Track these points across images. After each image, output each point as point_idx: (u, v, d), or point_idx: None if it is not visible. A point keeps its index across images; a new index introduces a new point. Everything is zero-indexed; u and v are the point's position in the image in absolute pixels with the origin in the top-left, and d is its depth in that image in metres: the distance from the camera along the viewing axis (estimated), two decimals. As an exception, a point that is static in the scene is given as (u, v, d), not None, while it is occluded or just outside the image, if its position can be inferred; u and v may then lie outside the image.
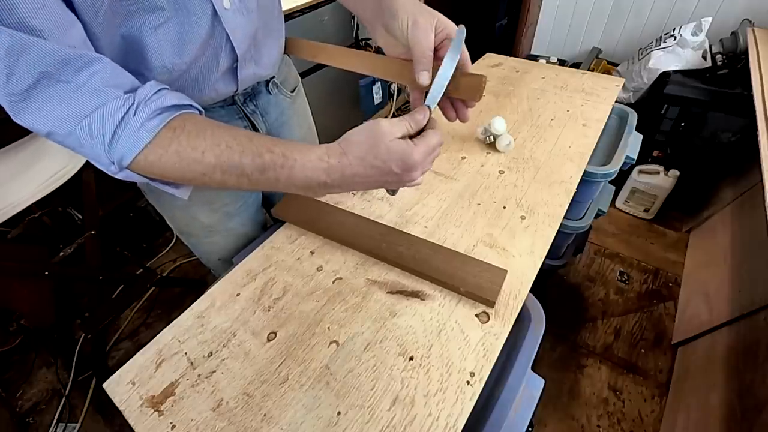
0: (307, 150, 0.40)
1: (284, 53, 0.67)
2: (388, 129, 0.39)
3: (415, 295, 0.54)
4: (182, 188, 0.47)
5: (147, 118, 0.37)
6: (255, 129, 0.68)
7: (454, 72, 0.44)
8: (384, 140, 0.39)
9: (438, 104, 0.46)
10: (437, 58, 0.45)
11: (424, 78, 0.45)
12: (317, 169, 0.40)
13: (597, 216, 1.02)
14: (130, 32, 0.41)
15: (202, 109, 0.43)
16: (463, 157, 0.78)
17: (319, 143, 0.43)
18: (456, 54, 0.43)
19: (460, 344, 0.48)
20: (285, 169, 0.39)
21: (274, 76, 0.68)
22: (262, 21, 0.55)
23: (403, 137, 0.40)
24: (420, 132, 0.43)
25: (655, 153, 1.60)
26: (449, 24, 0.45)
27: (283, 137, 0.75)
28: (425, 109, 0.43)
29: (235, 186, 0.41)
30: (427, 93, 0.45)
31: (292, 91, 0.76)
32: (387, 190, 0.47)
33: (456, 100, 0.50)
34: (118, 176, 0.41)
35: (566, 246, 1.17)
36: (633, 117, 0.97)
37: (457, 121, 0.52)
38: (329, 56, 0.59)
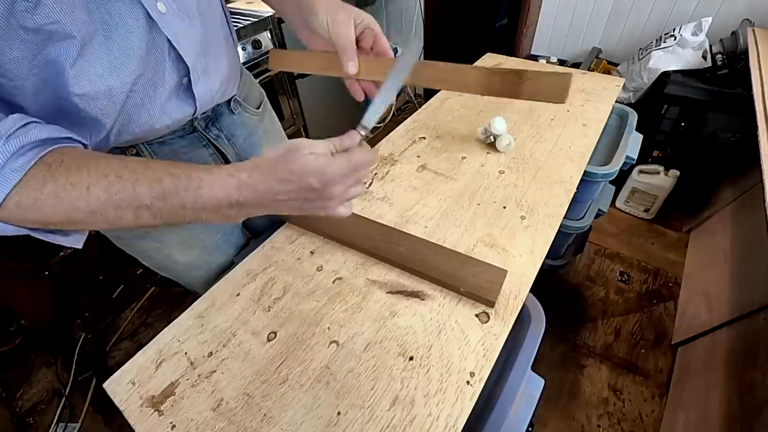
0: (214, 168, 0.36)
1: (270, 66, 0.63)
2: (307, 144, 0.37)
3: (415, 295, 0.54)
4: (73, 235, 0.39)
5: (12, 156, 0.31)
6: (222, 155, 0.64)
7: (531, 71, 0.44)
8: (300, 153, 0.36)
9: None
10: (359, 48, 0.47)
11: (351, 67, 0.47)
12: (227, 186, 0.35)
13: (597, 216, 1.02)
14: (49, 59, 0.36)
15: (85, 143, 0.38)
16: (463, 157, 0.78)
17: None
18: (399, 80, 0.44)
19: (460, 344, 0.48)
20: (190, 192, 0.34)
21: (235, 94, 0.63)
22: (206, 28, 0.50)
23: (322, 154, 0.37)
24: None
25: (655, 153, 1.60)
26: (367, 16, 0.47)
27: None
28: (354, 134, 0.40)
29: (133, 223, 0.35)
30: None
31: (258, 107, 0.70)
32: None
33: (369, 83, 0.51)
34: None
35: (566, 246, 1.17)
36: (633, 117, 0.96)
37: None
38: (295, 62, 0.58)
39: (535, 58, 1.87)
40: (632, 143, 0.90)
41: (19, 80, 0.35)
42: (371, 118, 0.41)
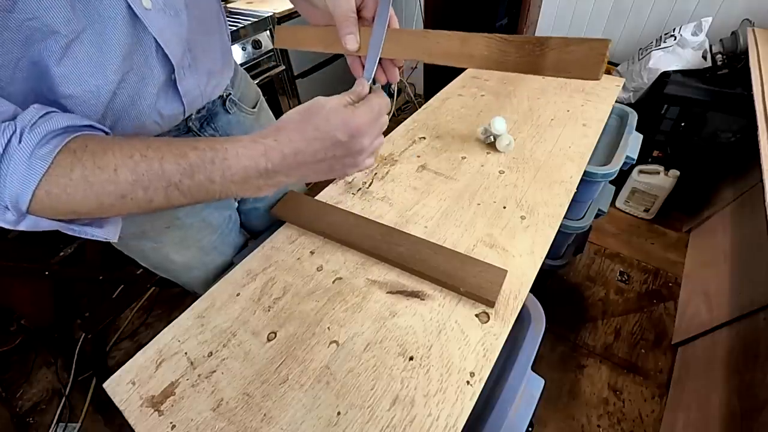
0: (237, 137, 0.36)
1: (276, 46, 0.60)
2: (324, 100, 0.37)
3: (415, 295, 0.54)
4: (107, 227, 0.39)
5: (37, 145, 0.31)
6: None
7: (556, 38, 0.36)
8: (322, 110, 0.36)
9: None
10: (361, 18, 0.43)
11: (350, 42, 0.42)
12: (254, 153, 0.35)
13: (597, 216, 1.02)
14: (33, 60, 0.35)
15: (108, 130, 0.37)
16: (463, 157, 0.78)
17: None
18: (384, 19, 0.40)
19: (460, 344, 0.48)
20: (217, 164, 0.34)
21: (230, 93, 0.61)
22: (195, 23, 0.47)
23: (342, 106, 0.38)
24: None
25: (655, 153, 1.60)
26: None
27: None
28: (363, 81, 0.41)
29: (165, 203, 0.35)
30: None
31: (254, 107, 0.69)
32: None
33: (385, 60, 0.44)
34: (21, 227, 0.33)
35: (566, 246, 1.17)
36: (633, 117, 0.97)
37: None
38: (301, 39, 0.53)
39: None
40: (632, 143, 0.91)
41: (7, 87, 0.35)
42: (372, 64, 0.42)
